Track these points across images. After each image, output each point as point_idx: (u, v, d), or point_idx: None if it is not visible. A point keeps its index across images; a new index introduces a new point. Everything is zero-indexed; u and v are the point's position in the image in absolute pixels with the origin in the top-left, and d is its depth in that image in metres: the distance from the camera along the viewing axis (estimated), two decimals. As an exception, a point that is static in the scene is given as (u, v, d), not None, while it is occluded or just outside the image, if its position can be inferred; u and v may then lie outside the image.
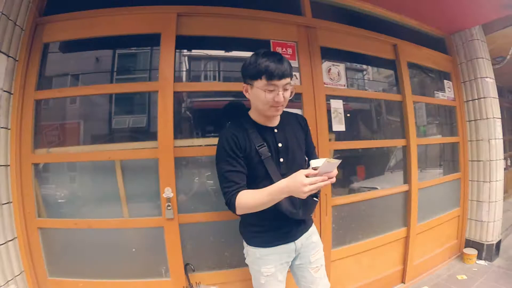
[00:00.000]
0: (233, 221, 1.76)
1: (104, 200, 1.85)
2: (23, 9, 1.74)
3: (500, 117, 3.09)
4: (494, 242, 3.02)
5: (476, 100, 3.04)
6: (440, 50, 3.07)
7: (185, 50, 2.02)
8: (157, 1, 1.84)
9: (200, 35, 1.94)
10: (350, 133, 2.40)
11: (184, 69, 2.04)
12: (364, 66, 2.69)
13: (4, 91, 1.64)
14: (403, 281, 2.58)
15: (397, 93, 2.56)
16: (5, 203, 1.63)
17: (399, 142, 2.57)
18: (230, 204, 1.20)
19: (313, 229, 1.48)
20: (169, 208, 1.75)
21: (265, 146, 1.26)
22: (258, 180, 1.26)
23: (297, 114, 1.49)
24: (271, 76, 1.13)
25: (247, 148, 1.24)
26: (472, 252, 2.98)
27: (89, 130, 1.94)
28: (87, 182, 1.91)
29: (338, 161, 1.03)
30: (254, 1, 2.04)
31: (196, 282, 1.80)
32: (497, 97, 3.10)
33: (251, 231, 1.38)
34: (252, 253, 1.38)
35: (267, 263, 1.34)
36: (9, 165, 1.68)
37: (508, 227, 4.01)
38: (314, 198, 1.34)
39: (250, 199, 1.16)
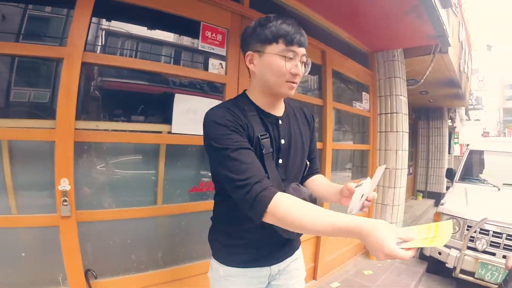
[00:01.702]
0: (141, 220, 1.64)
1: None
2: None
3: (408, 131, 3.50)
4: (396, 241, 3.43)
5: (389, 114, 3.41)
6: (363, 64, 3.36)
7: (104, 19, 1.69)
8: None
9: (125, 1, 1.65)
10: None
11: (100, 40, 1.71)
12: None
13: None
14: (314, 278, 2.74)
15: (319, 98, 2.73)
16: None
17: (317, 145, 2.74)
18: (260, 202, 0.79)
19: (299, 253, 1.18)
20: (65, 203, 1.42)
21: (268, 137, 0.95)
22: None
23: (302, 105, 1.20)
24: (291, 40, 0.89)
25: (248, 132, 0.92)
26: None
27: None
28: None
29: (367, 181, 0.89)
30: None
31: (99, 291, 1.50)
32: (407, 113, 3.51)
33: (222, 242, 1.06)
34: (215, 268, 1.06)
35: (231, 286, 1.03)
36: None
37: (406, 226, 4.59)
38: None
39: (297, 214, 0.75)
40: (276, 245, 1.04)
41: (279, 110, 1.04)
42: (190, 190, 1.83)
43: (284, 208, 0.77)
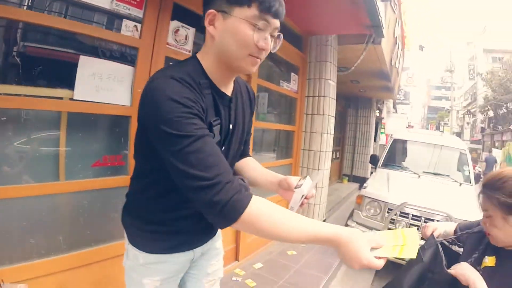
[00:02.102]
0: (39, 198, 1.40)
1: None
2: None
3: (334, 115, 3.64)
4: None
5: (317, 97, 3.48)
6: (296, 45, 3.34)
7: None
8: None
9: None
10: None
11: None
12: None
13: None
14: (237, 259, 2.71)
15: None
16: None
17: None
18: (233, 208, 0.66)
19: (219, 232, 1.10)
20: None
21: (219, 123, 0.82)
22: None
23: (246, 82, 1.04)
24: (268, 7, 0.73)
25: (204, 114, 0.76)
26: None
27: None
28: None
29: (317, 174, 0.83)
30: None
31: (-1, 280, 1.30)
32: (335, 98, 3.63)
33: (140, 228, 0.92)
34: (133, 256, 0.93)
35: (153, 274, 0.92)
36: None
37: (331, 208, 4.92)
38: None
39: (274, 222, 0.68)
40: (201, 229, 0.95)
41: (230, 88, 0.88)
42: (93, 164, 1.62)
43: (261, 216, 0.67)
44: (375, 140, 8.51)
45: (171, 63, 0.92)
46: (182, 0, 2.03)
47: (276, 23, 0.78)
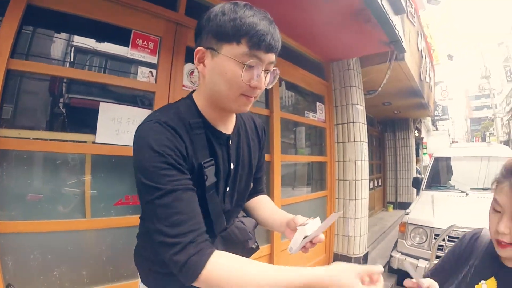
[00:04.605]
0: (62, 234, 1.50)
1: None
2: None
3: (366, 141, 3.41)
4: (361, 255, 3.26)
5: (346, 124, 3.32)
6: (317, 74, 3.28)
7: (33, 25, 1.63)
8: None
9: (55, 8, 1.60)
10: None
11: (27, 47, 1.63)
12: None
13: None
14: None
15: (266, 108, 2.59)
16: None
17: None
18: (191, 268, 0.62)
19: None
20: None
21: (213, 164, 0.77)
22: None
23: (253, 115, 0.99)
24: (258, 41, 0.66)
25: (188, 160, 0.72)
26: None
27: None
28: None
29: (336, 215, 0.73)
30: None
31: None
32: (365, 123, 3.44)
33: (153, 270, 0.89)
34: None
35: None
36: None
37: (376, 239, 4.48)
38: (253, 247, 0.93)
39: (238, 279, 0.61)
40: None
41: (229, 126, 0.83)
42: (115, 203, 1.70)
43: (221, 276, 0.62)
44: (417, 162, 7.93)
45: (167, 104, 0.86)
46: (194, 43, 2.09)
47: (270, 57, 0.71)
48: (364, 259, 3.31)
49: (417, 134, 8.00)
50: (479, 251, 0.79)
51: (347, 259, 3.22)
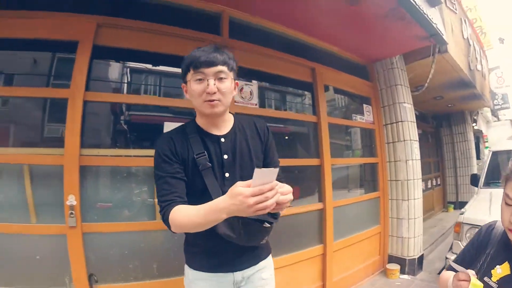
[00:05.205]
0: (138, 233, 1.86)
1: (11, 205, 1.75)
2: None
3: (417, 139, 3.33)
4: (416, 257, 3.18)
5: (394, 124, 3.29)
6: (362, 76, 3.32)
7: (101, 60, 2.00)
8: (78, 10, 1.84)
9: (119, 46, 1.94)
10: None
11: (99, 79, 2.00)
12: (283, 87, 2.83)
13: None
14: None
15: (313, 115, 2.71)
16: None
17: (313, 161, 2.68)
18: (164, 220, 0.99)
19: (266, 263, 1.21)
20: (72, 216, 1.69)
21: (205, 155, 1.06)
22: (196, 194, 1.05)
23: (255, 119, 1.25)
24: (197, 64, 1.00)
25: (184, 155, 1.06)
26: (394, 267, 3.11)
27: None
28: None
29: (273, 169, 0.81)
30: (176, 19, 2.10)
31: (100, 294, 1.71)
32: (414, 121, 3.37)
33: (188, 248, 1.18)
34: (186, 273, 1.17)
35: None
36: None
37: (434, 241, 4.27)
38: (266, 224, 1.08)
39: (184, 217, 0.94)
40: (234, 252, 1.10)
41: (222, 129, 1.13)
42: None
43: (175, 217, 0.95)
44: (478, 157, 7.28)
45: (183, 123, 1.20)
46: (241, 61, 2.28)
47: (213, 70, 1.01)
48: (419, 261, 3.22)
49: (475, 127, 7.36)
50: (494, 241, 0.88)
51: (401, 260, 3.16)
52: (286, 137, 2.86)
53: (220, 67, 1.01)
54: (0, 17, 1.73)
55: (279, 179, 0.89)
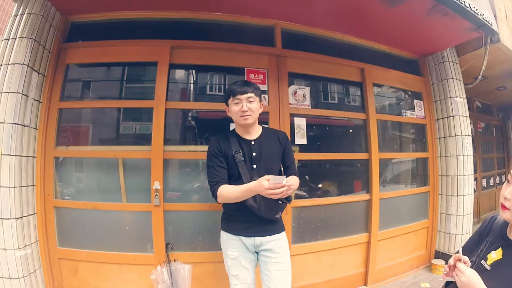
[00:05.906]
0: (207, 212, 2.31)
1: (108, 189, 2.35)
2: (50, 36, 2.25)
3: (469, 134, 3.28)
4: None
5: (446, 119, 3.27)
6: (412, 71, 3.34)
7: (176, 75, 2.58)
8: (155, 36, 2.40)
9: (189, 63, 2.50)
10: (318, 146, 2.78)
11: (176, 90, 2.57)
12: (333, 88, 3.04)
13: (35, 100, 2.16)
14: (365, 284, 2.78)
15: (363, 112, 2.87)
16: (30, 186, 2.14)
17: (362, 155, 2.86)
18: (213, 193, 1.54)
19: (280, 237, 1.65)
20: (156, 197, 2.21)
21: (240, 152, 1.58)
22: (233, 178, 1.58)
23: (278, 131, 1.84)
24: (235, 93, 1.57)
25: (226, 152, 1.59)
26: (440, 262, 3.08)
27: (99, 133, 2.54)
28: (96, 174, 2.44)
29: (282, 177, 1.37)
30: (234, 35, 2.50)
31: (174, 259, 2.20)
32: (466, 115, 3.30)
33: (224, 218, 1.71)
34: (221, 235, 1.70)
35: (231, 247, 1.62)
36: (35, 157, 2.19)
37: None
38: (280, 201, 1.55)
39: (228, 192, 1.50)
40: (258, 222, 1.58)
41: (253, 135, 1.66)
42: None
43: (223, 192, 1.52)
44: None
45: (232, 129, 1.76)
46: (294, 68, 2.62)
47: (245, 96, 1.56)
48: (468, 259, 3.18)
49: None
50: (495, 231, 1.00)
51: (448, 257, 3.05)
52: (340, 133, 3.12)
53: (249, 94, 1.57)
54: (98, 46, 2.36)
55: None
